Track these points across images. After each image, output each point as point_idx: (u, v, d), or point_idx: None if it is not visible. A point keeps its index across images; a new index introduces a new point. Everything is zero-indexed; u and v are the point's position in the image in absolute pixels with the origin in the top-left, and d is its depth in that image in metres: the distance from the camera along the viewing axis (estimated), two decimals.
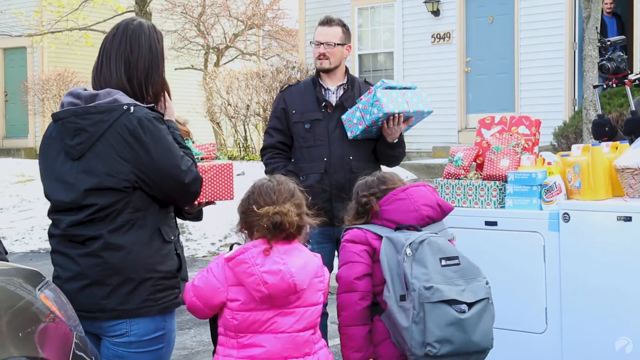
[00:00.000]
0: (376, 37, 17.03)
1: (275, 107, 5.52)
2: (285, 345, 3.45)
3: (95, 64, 3.61)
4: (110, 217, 3.43)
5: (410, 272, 3.67)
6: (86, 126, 3.44)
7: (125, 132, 3.41)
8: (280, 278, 3.39)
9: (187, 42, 25.68)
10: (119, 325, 3.47)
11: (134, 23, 3.62)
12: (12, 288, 3.04)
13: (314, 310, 3.54)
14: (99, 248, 3.43)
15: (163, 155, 3.45)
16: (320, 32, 5.38)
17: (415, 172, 13.45)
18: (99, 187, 3.42)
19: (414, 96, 5.28)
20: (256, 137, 17.58)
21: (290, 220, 3.48)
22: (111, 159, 3.42)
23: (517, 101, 14.71)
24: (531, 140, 5.24)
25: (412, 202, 3.93)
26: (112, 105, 3.44)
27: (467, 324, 3.65)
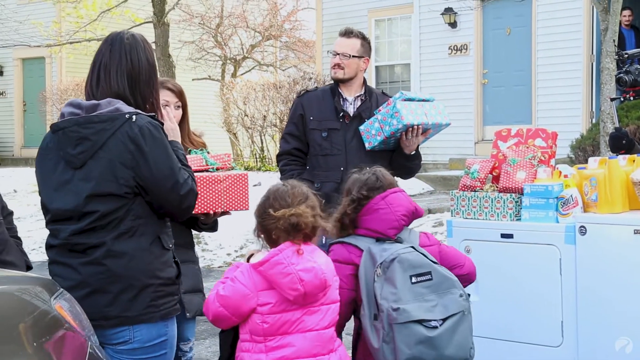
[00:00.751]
0: (393, 49, 17.04)
1: (292, 112, 5.50)
2: (314, 342, 3.55)
3: (90, 78, 3.64)
4: (113, 224, 3.47)
5: (380, 293, 3.70)
6: (88, 135, 3.48)
7: (127, 140, 3.45)
8: (314, 275, 3.52)
9: (205, 53, 25.76)
10: (122, 333, 3.50)
11: (128, 37, 3.67)
12: (27, 297, 3.04)
13: (335, 307, 3.66)
14: (102, 256, 3.46)
15: (162, 164, 3.50)
16: (338, 42, 5.39)
17: (431, 183, 13.43)
18: (100, 193, 3.46)
19: (432, 108, 5.27)
20: (272, 147, 17.60)
21: (306, 220, 3.60)
22: (113, 165, 3.46)
23: (534, 113, 14.67)
24: (548, 152, 5.22)
25: (393, 212, 3.93)
26: (114, 114, 3.48)
27: (437, 340, 3.66)
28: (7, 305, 2.92)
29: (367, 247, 3.86)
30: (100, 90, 3.60)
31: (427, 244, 3.99)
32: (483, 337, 5.09)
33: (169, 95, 4.66)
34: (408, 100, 5.16)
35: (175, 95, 4.67)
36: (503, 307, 5.12)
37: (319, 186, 5.25)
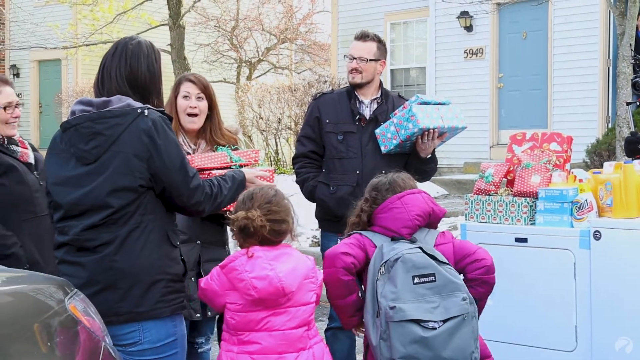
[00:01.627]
0: (408, 52, 17.04)
1: (308, 115, 5.49)
2: (279, 341, 3.67)
3: (97, 78, 3.73)
4: (123, 219, 3.53)
5: (381, 291, 3.73)
6: (102, 130, 3.54)
7: (140, 133, 3.53)
8: (268, 282, 3.63)
9: (220, 56, 25.81)
10: (132, 334, 3.54)
11: (132, 42, 3.74)
12: (42, 297, 3.06)
13: (306, 309, 3.77)
14: (112, 252, 3.52)
15: (174, 156, 3.59)
16: (355, 46, 5.37)
17: (446, 187, 13.41)
18: (116, 188, 3.51)
19: (449, 112, 5.26)
20: (287, 150, 17.62)
21: (256, 225, 3.70)
22: (127, 159, 3.52)
23: (550, 117, 14.62)
24: (563, 157, 5.21)
25: (407, 212, 3.95)
26: (126, 109, 3.55)
27: (433, 341, 3.67)
28: (21, 305, 2.94)
29: (380, 245, 3.89)
30: (106, 91, 3.67)
31: (441, 243, 4.00)
32: (497, 341, 5.07)
33: (191, 87, 4.72)
34: (424, 104, 5.15)
35: (197, 87, 4.71)
36: (517, 311, 5.11)
37: (334, 190, 5.25)
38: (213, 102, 4.78)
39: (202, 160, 4.53)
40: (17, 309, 2.90)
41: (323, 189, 5.30)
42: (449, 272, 3.80)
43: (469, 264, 3.98)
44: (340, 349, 5.32)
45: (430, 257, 3.80)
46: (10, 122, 4.57)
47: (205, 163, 4.53)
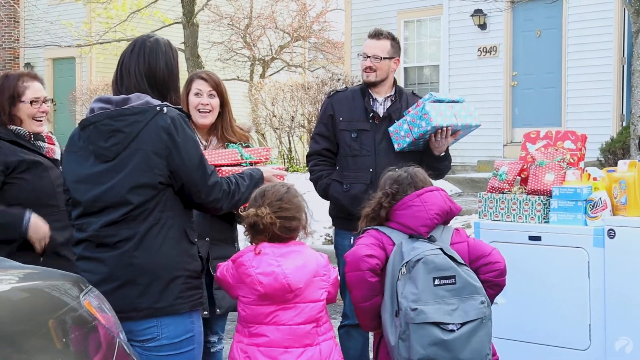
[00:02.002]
0: (422, 50, 17.02)
1: (322, 112, 5.49)
2: (285, 336, 3.73)
3: (115, 76, 3.75)
4: (143, 216, 3.55)
5: (402, 291, 3.73)
6: (121, 127, 3.57)
7: (160, 131, 3.55)
8: (274, 279, 3.68)
9: (234, 54, 25.83)
10: (150, 329, 3.57)
11: (150, 40, 3.77)
12: (56, 294, 3.08)
13: (315, 306, 3.80)
14: (132, 248, 3.54)
15: (192, 154, 3.62)
16: (368, 44, 5.36)
17: (459, 185, 13.39)
18: (136, 185, 3.54)
19: (462, 110, 5.24)
20: (300, 148, 17.62)
21: (265, 222, 3.74)
22: (147, 156, 3.54)
23: (564, 116, 14.58)
24: (577, 155, 5.20)
25: (426, 210, 3.95)
26: (145, 107, 3.58)
27: (452, 343, 3.68)
28: (37, 301, 2.96)
29: (399, 242, 3.89)
30: (124, 88, 3.69)
31: (457, 241, 3.99)
32: (510, 339, 5.08)
33: (202, 84, 4.73)
34: (437, 102, 5.14)
35: (208, 84, 4.73)
36: (530, 310, 5.10)
37: (347, 187, 5.24)
38: (225, 99, 4.80)
39: (213, 157, 4.55)
40: (32, 305, 2.92)
41: (336, 187, 5.30)
42: (468, 275, 3.80)
43: (483, 266, 3.99)
44: (354, 346, 5.32)
45: (450, 258, 3.80)
46: (38, 118, 4.60)
47: (216, 160, 4.54)
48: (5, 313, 2.76)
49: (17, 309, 2.84)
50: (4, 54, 24.44)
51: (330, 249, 9.99)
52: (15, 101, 4.56)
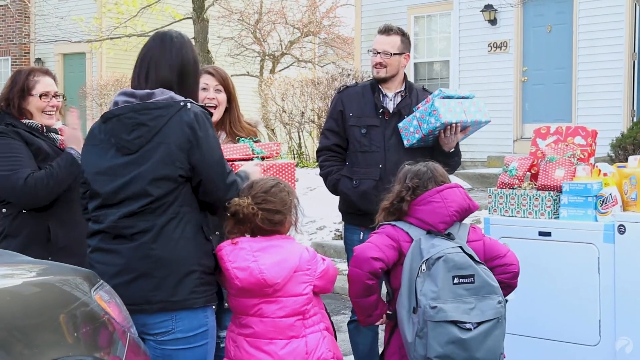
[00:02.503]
0: (432, 46, 17.00)
1: (332, 108, 5.49)
2: (269, 328, 3.78)
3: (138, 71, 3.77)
4: (162, 208, 3.58)
5: (421, 289, 3.74)
6: (145, 121, 3.60)
7: (183, 125, 3.59)
8: (249, 274, 3.72)
9: (244, 49, 25.86)
10: (165, 323, 3.58)
11: (177, 35, 3.82)
12: (68, 289, 3.09)
13: (297, 300, 3.81)
14: (150, 240, 3.56)
15: (213, 150, 3.67)
16: (378, 40, 5.34)
17: (469, 181, 13.37)
18: (157, 177, 3.57)
19: (472, 106, 5.22)
20: (310, 144, 17.62)
21: (246, 212, 3.76)
22: (170, 149, 3.58)
23: (574, 111, 14.55)
24: (587, 150, 5.19)
25: (446, 207, 3.94)
26: (169, 101, 3.62)
27: (469, 342, 3.71)
28: (48, 296, 2.97)
29: (417, 238, 3.88)
30: (149, 84, 3.71)
31: (473, 239, 3.99)
32: (520, 335, 5.08)
33: (209, 79, 4.73)
34: (447, 98, 5.12)
35: (215, 79, 4.73)
36: (540, 305, 5.10)
37: (357, 183, 5.24)
38: (232, 94, 4.80)
39: (225, 151, 4.54)
40: (43, 299, 2.94)
41: (346, 183, 5.30)
42: (486, 274, 3.81)
43: (498, 267, 3.99)
44: (363, 341, 5.33)
45: (469, 256, 3.81)
46: (48, 112, 4.64)
47: (228, 154, 4.55)
48: (17, 307, 2.78)
49: (28, 304, 2.86)
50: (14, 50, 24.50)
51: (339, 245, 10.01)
52: (25, 95, 4.60)
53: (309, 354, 3.82)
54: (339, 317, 8.04)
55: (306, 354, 3.82)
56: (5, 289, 2.88)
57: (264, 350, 3.78)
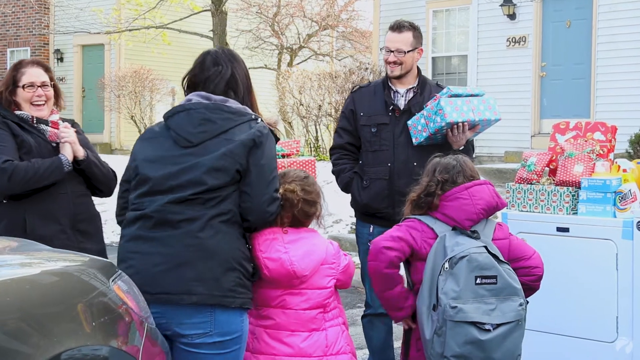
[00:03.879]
0: (450, 40, 16.94)
1: (345, 107, 5.46)
2: (291, 320, 3.82)
3: (195, 80, 3.81)
4: (213, 201, 3.57)
5: (442, 287, 3.73)
6: (215, 119, 3.64)
7: (248, 135, 3.61)
8: (280, 264, 3.75)
9: (261, 42, 25.85)
10: (204, 324, 3.54)
11: (228, 52, 3.88)
12: (86, 278, 3.10)
13: (322, 292, 3.86)
14: (197, 229, 3.54)
15: (270, 162, 3.69)
16: (391, 38, 5.27)
17: (486, 176, 13.33)
18: (215, 167, 3.58)
19: (481, 103, 5.13)
20: (327, 137, 17.61)
21: (297, 197, 3.82)
22: (233, 145, 3.59)
23: (593, 107, 14.48)
24: (606, 146, 5.17)
25: (473, 204, 3.92)
26: (243, 110, 3.69)
27: (487, 344, 3.70)
28: (66, 286, 2.98)
29: (442, 235, 3.87)
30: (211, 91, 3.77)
31: (499, 237, 3.97)
32: (537, 330, 5.06)
33: None
34: (454, 97, 5.03)
35: None
36: (558, 301, 5.09)
37: (367, 183, 5.21)
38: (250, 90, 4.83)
39: None
40: (62, 288, 2.95)
41: (357, 182, 5.28)
42: (509, 275, 3.79)
43: (522, 268, 3.97)
44: (377, 335, 5.32)
45: (493, 256, 3.79)
46: (35, 102, 4.63)
47: None
48: (36, 296, 2.79)
49: (46, 293, 2.87)
50: (34, 41, 24.59)
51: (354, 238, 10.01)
52: (13, 87, 4.64)
53: (329, 347, 3.85)
54: (354, 311, 8.04)
55: (326, 347, 3.84)
56: (24, 278, 2.90)
57: (284, 342, 3.80)
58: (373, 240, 4.00)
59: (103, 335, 2.90)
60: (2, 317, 2.59)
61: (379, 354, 5.35)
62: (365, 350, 5.75)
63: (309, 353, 3.80)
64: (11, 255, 3.24)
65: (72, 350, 2.70)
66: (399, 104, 5.26)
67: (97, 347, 2.84)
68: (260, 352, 3.82)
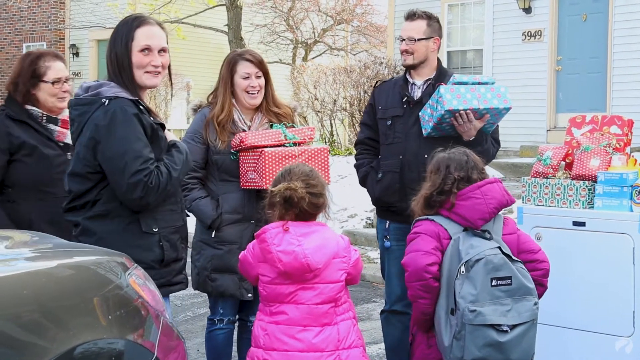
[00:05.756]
0: (465, 34, 16.89)
1: (368, 102, 5.47)
2: (304, 315, 3.82)
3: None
4: (87, 206, 3.68)
5: (460, 291, 3.72)
6: (75, 117, 3.74)
7: (95, 124, 3.64)
8: (294, 258, 3.75)
9: (276, 37, 25.86)
10: None
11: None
12: (102, 272, 3.11)
13: (334, 287, 3.86)
14: (78, 233, 3.70)
15: (116, 147, 3.60)
16: (404, 27, 5.21)
17: (501, 170, 13.30)
18: (74, 173, 3.69)
19: (489, 92, 4.95)
20: (342, 132, 17.62)
21: (299, 195, 3.81)
22: (86, 148, 3.66)
23: (609, 101, 14.41)
24: (623, 140, 5.14)
25: (486, 204, 3.89)
26: (94, 98, 3.69)
27: (506, 345, 3.71)
28: (82, 279, 2.99)
29: (456, 237, 3.85)
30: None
31: (507, 233, 3.95)
32: (553, 325, 5.05)
33: (250, 67, 4.78)
34: (459, 84, 4.91)
35: (255, 66, 4.78)
36: (574, 296, 5.07)
37: (380, 177, 5.18)
38: (268, 76, 4.86)
39: (256, 138, 4.58)
40: (78, 282, 2.95)
41: (372, 176, 5.26)
42: (522, 275, 3.79)
43: (529, 262, 3.96)
44: (392, 333, 5.31)
45: (506, 256, 3.78)
46: (61, 97, 4.63)
47: (259, 140, 4.57)
48: (52, 289, 2.80)
49: (63, 286, 2.87)
50: (49, 35, 24.67)
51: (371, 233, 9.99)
52: (36, 81, 4.58)
53: (341, 342, 3.85)
54: (369, 305, 8.04)
55: (338, 342, 3.84)
56: (40, 271, 2.91)
57: (296, 337, 3.81)
58: (407, 259, 3.92)
59: (119, 329, 2.91)
60: (18, 309, 2.60)
61: (395, 351, 5.34)
62: (380, 344, 5.75)
63: (322, 348, 3.81)
64: (27, 248, 3.25)
65: (88, 344, 2.72)
66: (415, 96, 5.19)
67: (113, 341, 2.85)
68: (273, 349, 3.83)
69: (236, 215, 4.77)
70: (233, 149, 4.70)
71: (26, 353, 2.53)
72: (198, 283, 4.85)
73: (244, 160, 4.67)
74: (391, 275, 5.24)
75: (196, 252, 4.86)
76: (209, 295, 4.91)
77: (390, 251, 5.21)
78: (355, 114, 16.28)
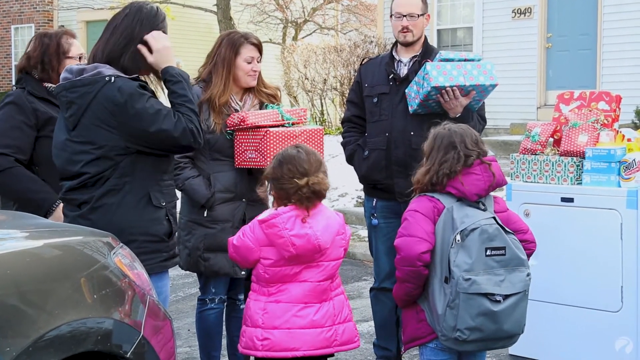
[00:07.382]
0: (455, 12, 16.85)
1: (354, 79, 5.45)
2: (306, 292, 3.88)
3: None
4: (100, 182, 3.67)
5: (454, 260, 3.71)
6: (74, 99, 3.69)
7: (108, 102, 3.62)
8: (307, 240, 3.79)
9: (266, 16, 25.74)
10: None
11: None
12: (88, 251, 3.10)
13: (335, 264, 3.95)
14: (88, 211, 3.68)
15: (147, 120, 3.62)
16: (401, 3, 5.15)
17: (491, 148, 13.30)
18: (91, 159, 3.66)
19: (475, 68, 4.92)
20: (332, 111, 17.59)
21: (326, 187, 3.89)
22: (99, 128, 3.64)
23: (599, 78, 14.41)
24: (611, 116, 5.14)
25: (484, 181, 3.87)
26: (95, 77, 3.65)
27: (499, 315, 3.72)
28: (68, 258, 2.99)
29: (450, 207, 3.83)
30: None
31: (498, 210, 3.95)
32: (542, 301, 5.07)
33: (254, 51, 4.88)
34: (445, 61, 4.88)
35: (258, 50, 4.87)
36: (562, 272, 5.08)
37: (367, 154, 5.16)
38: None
39: (257, 118, 4.61)
40: (63, 261, 2.95)
41: (359, 154, 5.24)
42: (515, 246, 3.79)
43: (521, 242, 3.95)
44: (381, 310, 5.32)
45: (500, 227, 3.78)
46: None
47: (260, 120, 4.60)
48: (38, 270, 2.80)
49: (49, 266, 2.87)
50: (38, 17, 24.54)
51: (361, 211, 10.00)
52: (61, 57, 4.64)
53: (337, 316, 3.94)
54: (360, 283, 8.06)
55: (334, 316, 3.93)
56: (24, 251, 2.90)
57: (297, 315, 3.86)
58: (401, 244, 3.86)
59: (105, 308, 2.91)
60: (2, 290, 2.59)
61: (384, 328, 5.35)
62: (371, 322, 5.76)
63: (322, 323, 3.88)
64: (12, 229, 3.24)
65: (75, 322, 2.72)
66: (401, 73, 5.16)
67: (100, 320, 2.85)
68: (274, 327, 3.85)
69: (229, 194, 4.76)
70: (230, 128, 4.68)
71: (10, 334, 2.52)
72: (189, 264, 4.82)
73: (241, 140, 4.66)
74: (379, 253, 5.25)
75: (186, 233, 4.81)
76: (200, 275, 4.89)
77: (378, 229, 5.21)
78: (345, 93, 16.23)
